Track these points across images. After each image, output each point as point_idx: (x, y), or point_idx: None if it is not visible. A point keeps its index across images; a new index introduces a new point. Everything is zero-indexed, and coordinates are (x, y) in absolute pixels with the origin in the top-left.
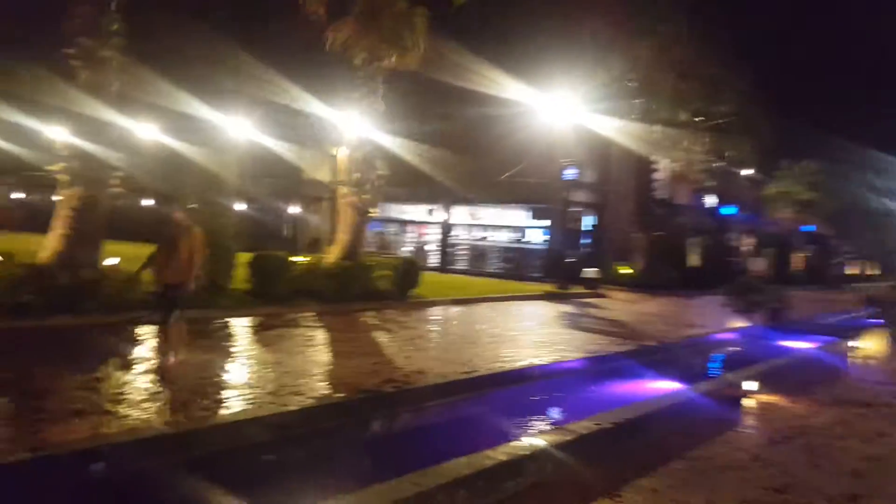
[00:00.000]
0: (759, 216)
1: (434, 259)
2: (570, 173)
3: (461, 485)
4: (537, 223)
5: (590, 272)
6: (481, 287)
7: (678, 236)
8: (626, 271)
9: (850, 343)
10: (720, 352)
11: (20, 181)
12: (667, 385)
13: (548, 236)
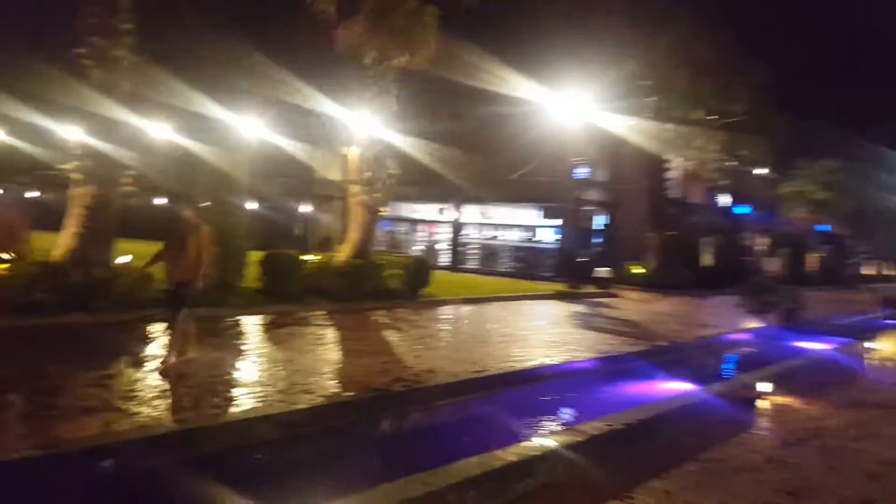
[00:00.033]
0: (774, 216)
1: (445, 258)
2: (581, 172)
3: (471, 485)
4: (548, 222)
5: (602, 272)
6: (492, 286)
7: (691, 236)
8: (639, 271)
9: (866, 344)
10: (734, 352)
11: (34, 180)
12: (679, 386)
13: (559, 235)
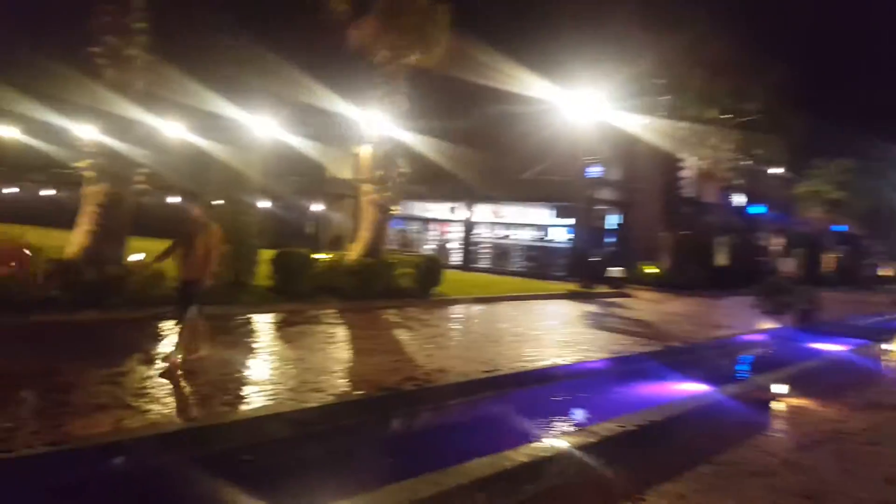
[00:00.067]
0: (789, 215)
1: (456, 257)
2: (594, 171)
3: (481, 486)
4: (561, 221)
5: (614, 271)
6: (504, 285)
7: (705, 235)
8: (652, 271)
9: (884, 346)
10: (748, 353)
11: (49, 178)
12: (693, 387)
13: (571, 235)
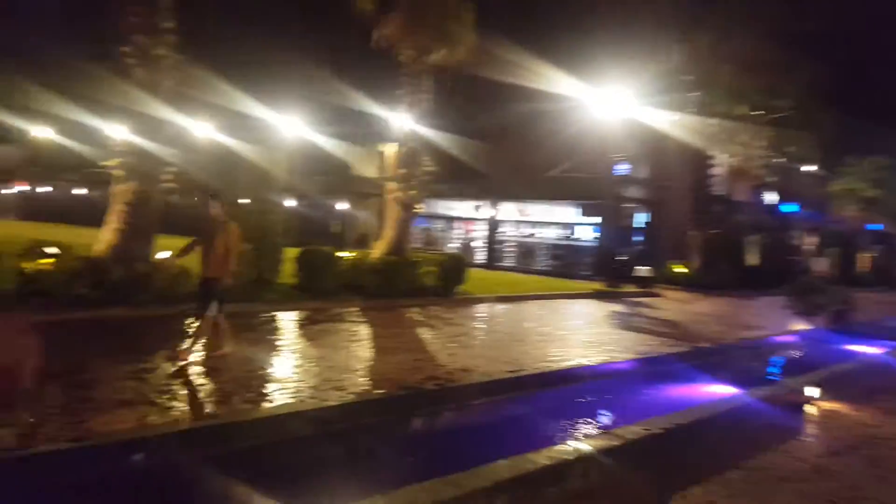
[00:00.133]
0: (823, 214)
1: (481, 256)
2: (622, 169)
3: (501, 490)
4: (587, 220)
5: (642, 270)
6: (529, 284)
7: (736, 234)
8: (681, 270)
9: None
10: (779, 355)
11: (81, 178)
12: (722, 389)
13: (598, 233)
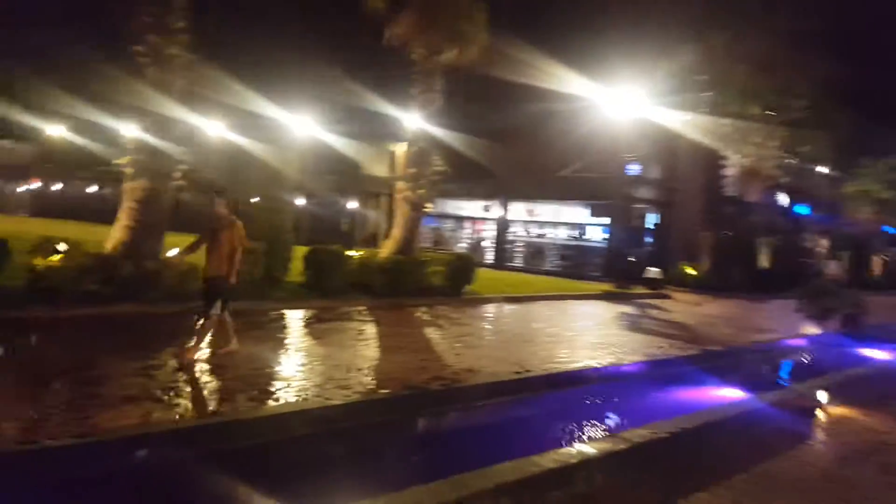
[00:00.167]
0: (836, 216)
1: (490, 256)
2: (633, 169)
3: (505, 492)
4: (597, 220)
5: (652, 272)
6: (537, 285)
7: (747, 236)
8: (692, 272)
9: None
10: (790, 359)
11: (94, 175)
12: (731, 393)
13: (608, 234)
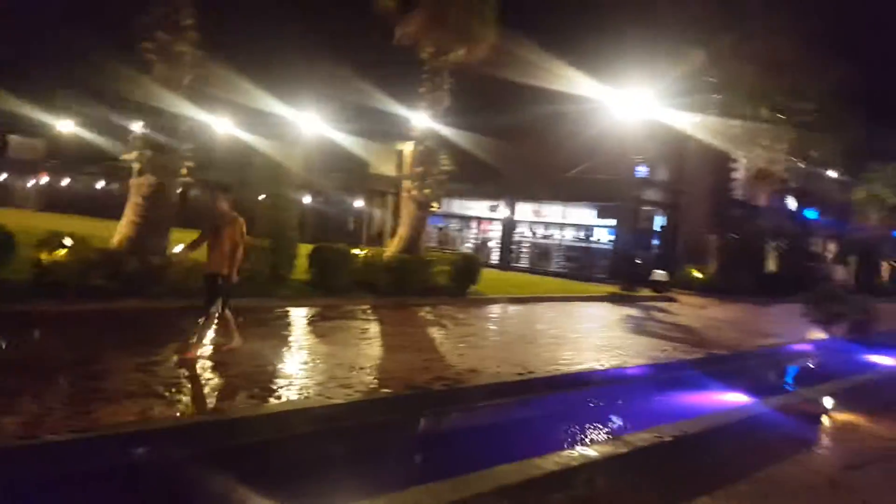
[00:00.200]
0: (845, 221)
1: (496, 256)
2: (640, 171)
3: (507, 494)
4: (604, 222)
5: (658, 274)
6: (543, 286)
7: (755, 239)
8: (698, 275)
9: None
10: (795, 364)
11: (102, 170)
12: (736, 398)
13: (614, 236)
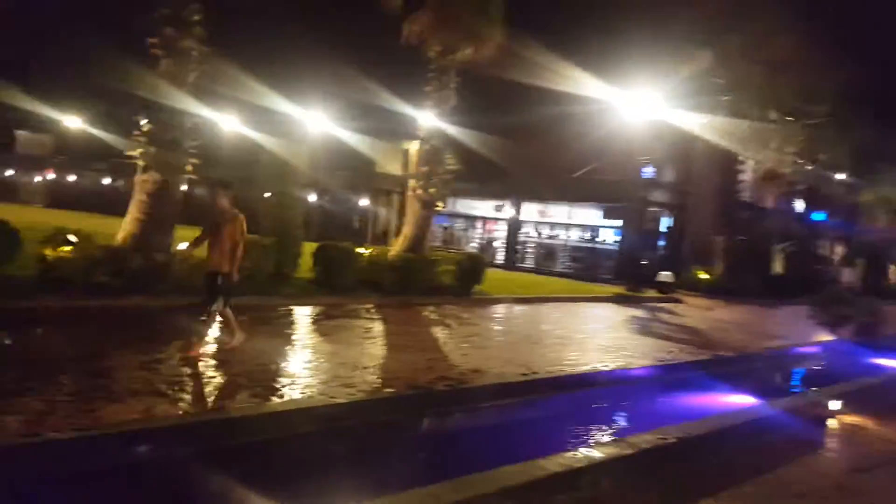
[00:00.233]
0: (853, 223)
1: (501, 256)
2: (647, 172)
3: (510, 495)
4: (610, 223)
5: (664, 275)
6: (548, 286)
7: (762, 241)
8: (704, 276)
9: None
10: (802, 366)
11: (109, 167)
12: (741, 400)
13: (620, 237)
